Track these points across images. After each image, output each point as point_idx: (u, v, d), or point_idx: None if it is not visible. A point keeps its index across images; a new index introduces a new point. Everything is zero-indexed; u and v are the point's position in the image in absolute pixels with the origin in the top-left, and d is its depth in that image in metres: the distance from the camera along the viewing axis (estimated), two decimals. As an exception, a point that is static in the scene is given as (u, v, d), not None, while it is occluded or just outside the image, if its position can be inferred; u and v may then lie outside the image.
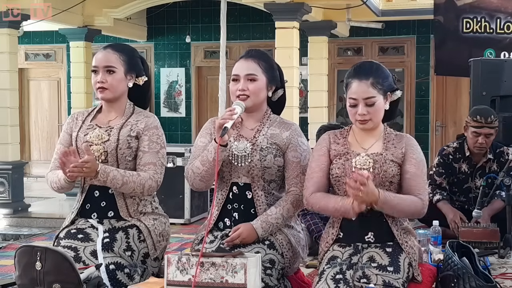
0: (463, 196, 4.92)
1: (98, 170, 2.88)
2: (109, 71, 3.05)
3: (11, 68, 8.46)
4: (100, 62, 3.06)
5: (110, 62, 3.06)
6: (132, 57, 3.14)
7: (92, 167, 2.86)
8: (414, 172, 2.79)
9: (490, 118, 4.67)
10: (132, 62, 3.12)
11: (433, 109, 10.76)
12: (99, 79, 3.04)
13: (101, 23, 9.84)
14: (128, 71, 3.09)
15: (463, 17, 8.39)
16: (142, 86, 3.17)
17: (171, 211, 5.52)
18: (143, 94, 3.22)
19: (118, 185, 2.95)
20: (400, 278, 2.64)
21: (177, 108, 11.66)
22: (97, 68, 3.06)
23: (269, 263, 2.82)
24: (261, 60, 2.99)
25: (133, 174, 2.98)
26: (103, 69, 3.05)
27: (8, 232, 7.55)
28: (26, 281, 2.64)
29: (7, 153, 8.40)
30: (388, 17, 9.72)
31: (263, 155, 2.92)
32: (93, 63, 3.09)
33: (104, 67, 3.05)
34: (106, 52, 3.09)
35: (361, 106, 2.78)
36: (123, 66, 3.08)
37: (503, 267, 4.08)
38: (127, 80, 3.10)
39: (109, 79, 3.04)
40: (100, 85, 3.05)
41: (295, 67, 8.02)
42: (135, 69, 3.13)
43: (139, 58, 3.20)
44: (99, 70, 3.06)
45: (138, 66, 3.16)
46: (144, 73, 3.18)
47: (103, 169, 2.90)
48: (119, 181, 2.93)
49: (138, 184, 2.97)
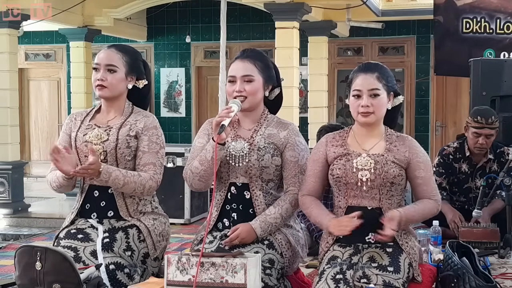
0: (463, 196, 4.92)
1: (101, 170, 2.88)
2: (110, 70, 3.05)
3: (11, 68, 8.46)
4: (102, 60, 3.07)
5: (112, 61, 3.06)
6: (134, 60, 3.14)
7: (96, 168, 2.86)
8: (424, 176, 2.85)
9: (491, 119, 4.67)
10: (134, 64, 3.13)
11: (433, 109, 10.77)
12: (99, 76, 3.05)
13: (101, 23, 9.84)
14: (129, 72, 3.10)
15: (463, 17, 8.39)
16: (141, 90, 3.17)
17: (171, 211, 5.52)
18: (143, 97, 3.22)
19: (120, 185, 2.95)
20: (400, 278, 2.64)
21: (177, 108, 11.66)
22: (98, 65, 3.07)
23: (269, 263, 2.82)
24: (257, 60, 2.99)
25: (134, 175, 2.98)
26: (104, 67, 3.05)
27: (8, 232, 7.55)
28: (26, 281, 2.64)
29: (7, 153, 8.40)
30: (388, 17, 9.72)
31: (260, 155, 2.92)
32: (95, 60, 3.10)
33: (106, 65, 3.05)
34: (110, 51, 3.09)
35: (365, 98, 2.79)
36: (125, 67, 3.08)
37: (503, 267, 4.08)
38: (127, 81, 3.10)
39: (109, 78, 3.05)
40: (99, 82, 3.05)
41: (295, 67, 8.02)
42: (136, 71, 3.14)
43: (141, 61, 3.20)
44: (100, 68, 3.06)
45: (140, 69, 3.16)
46: (144, 77, 3.18)
47: (105, 169, 2.90)
48: (121, 181, 2.93)
49: (139, 184, 2.97)
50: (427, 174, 2.85)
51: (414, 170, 2.83)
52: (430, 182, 2.87)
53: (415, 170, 2.83)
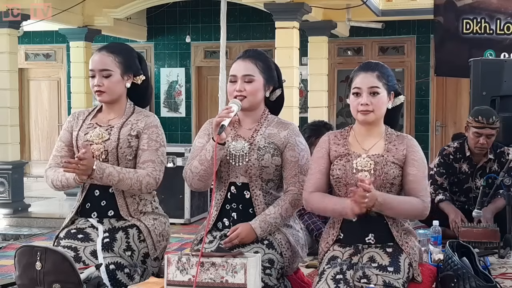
0: (463, 196, 4.93)
1: (94, 167, 2.88)
2: (105, 75, 3.03)
3: (11, 68, 8.45)
4: (95, 65, 3.05)
5: (106, 66, 3.04)
6: (128, 58, 3.11)
7: (89, 164, 2.85)
8: (416, 174, 2.80)
9: (491, 119, 4.68)
10: (129, 62, 3.11)
11: (433, 109, 10.76)
12: (96, 82, 3.04)
13: (101, 23, 9.83)
14: (124, 72, 3.08)
15: (463, 17, 8.40)
16: (140, 85, 3.16)
17: (171, 211, 5.52)
18: (143, 92, 3.21)
19: (115, 181, 2.94)
20: (400, 278, 2.64)
21: (177, 108, 11.66)
22: (93, 71, 3.06)
23: (268, 263, 2.82)
24: (258, 60, 2.99)
25: (129, 171, 2.98)
26: (99, 73, 3.04)
27: (8, 232, 7.54)
28: (26, 281, 2.64)
29: (7, 153, 8.40)
30: (388, 17, 9.71)
31: (260, 154, 2.92)
32: (90, 65, 3.08)
33: (100, 70, 3.04)
34: (101, 55, 3.07)
35: (364, 95, 2.79)
36: (119, 67, 3.06)
37: (503, 267, 4.08)
38: (125, 81, 3.09)
39: (106, 83, 3.04)
40: (97, 88, 3.05)
41: (295, 67, 8.01)
42: (132, 69, 3.12)
43: (136, 57, 3.18)
44: (95, 74, 3.05)
45: (135, 66, 3.14)
46: (141, 72, 3.16)
47: (98, 166, 2.89)
48: (115, 177, 2.93)
49: (135, 180, 2.96)
50: (420, 173, 2.80)
51: (407, 167, 2.80)
52: (421, 181, 2.81)
53: (408, 167, 2.80)
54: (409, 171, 2.80)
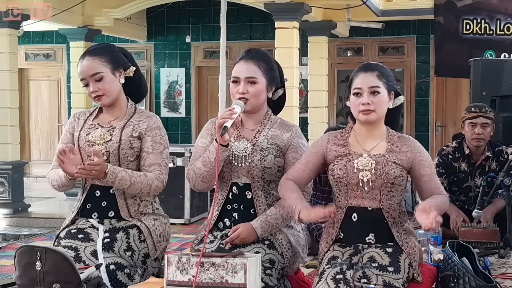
0: (463, 195, 4.94)
1: (107, 171, 2.87)
2: (97, 79, 3.01)
3: (11, 68, 8.46)
4: (85, 73, 3.03)
5: (94, 69, 3.02)
6: (112, 54, 3.09)
7: (102, 169, 2.85)
8: (430, 174, 2.85)
9: (484, 109, 4.80)
10: (115, 58, 3.08)
11: (433, 109, 10.77)
12: (92, 89, 3.03)
13: (101, 23, 9.84)
14: (114, 69, 3.06)
15: (463, 18, 8.41)
16: (134, 77, 3.15)
17: (171, 211, 5.52)
18: (138, 84, 3.20)
19: (126, 186, 2.94)
20: (400, 278, 2.64)
21: (177, 108, 11.66)
22: (85, 79, 3.04)
23: (269, 263, 2.82)
24: (261, 61, 2.98)
25: (140, 175, 2.97)
26: (90, 78, 3.02)
27: (8, 232, 7.55)
28: (26, 281, 2.64)
29: (7, 153, 8.40)
30: (388, 17, 9.71)
31: (263, 155, 2.92)
32: (79, 76, 3.05)
33: (91, 76, 3.02)
34: (86, 61, 3.04)
35: (365, 95, 2.79)
36: (108, 66, 3.04)
37: (503, 267, 4.08)
38: (117, 77, 3.08)
39: (101, 86, 3.02)
40: (94, 94, 3.03)
41: (295, 67, 8.02)
42: (120, 63, 3.10)
43: (119, 52, 3.15)
44: (88, 81, 3.04)
45: (122, 60, 3.12)
46: (130, 64, 3.14)
47: (111, 170, 2.89)
48: (127, 181, 2.93)
49: (146, 184, 2.97)
50: (432, 171, 2.87)
51: (419, 169, 2.83)
52: (435, 179, 2.88)
53: (420, 169, 2.83)
54: (422, 172, 2.83)
